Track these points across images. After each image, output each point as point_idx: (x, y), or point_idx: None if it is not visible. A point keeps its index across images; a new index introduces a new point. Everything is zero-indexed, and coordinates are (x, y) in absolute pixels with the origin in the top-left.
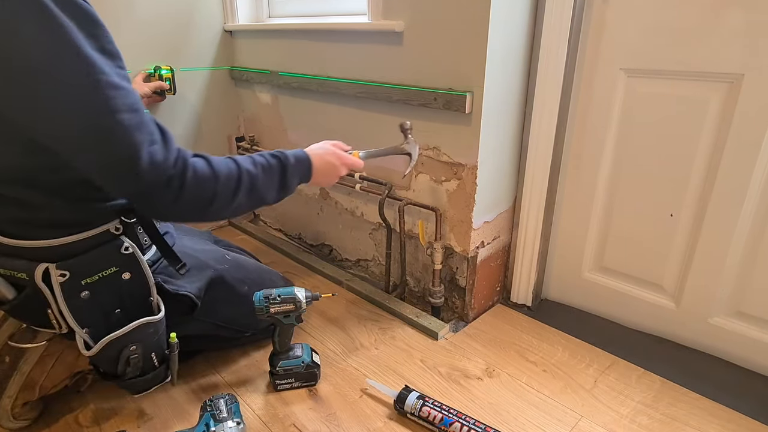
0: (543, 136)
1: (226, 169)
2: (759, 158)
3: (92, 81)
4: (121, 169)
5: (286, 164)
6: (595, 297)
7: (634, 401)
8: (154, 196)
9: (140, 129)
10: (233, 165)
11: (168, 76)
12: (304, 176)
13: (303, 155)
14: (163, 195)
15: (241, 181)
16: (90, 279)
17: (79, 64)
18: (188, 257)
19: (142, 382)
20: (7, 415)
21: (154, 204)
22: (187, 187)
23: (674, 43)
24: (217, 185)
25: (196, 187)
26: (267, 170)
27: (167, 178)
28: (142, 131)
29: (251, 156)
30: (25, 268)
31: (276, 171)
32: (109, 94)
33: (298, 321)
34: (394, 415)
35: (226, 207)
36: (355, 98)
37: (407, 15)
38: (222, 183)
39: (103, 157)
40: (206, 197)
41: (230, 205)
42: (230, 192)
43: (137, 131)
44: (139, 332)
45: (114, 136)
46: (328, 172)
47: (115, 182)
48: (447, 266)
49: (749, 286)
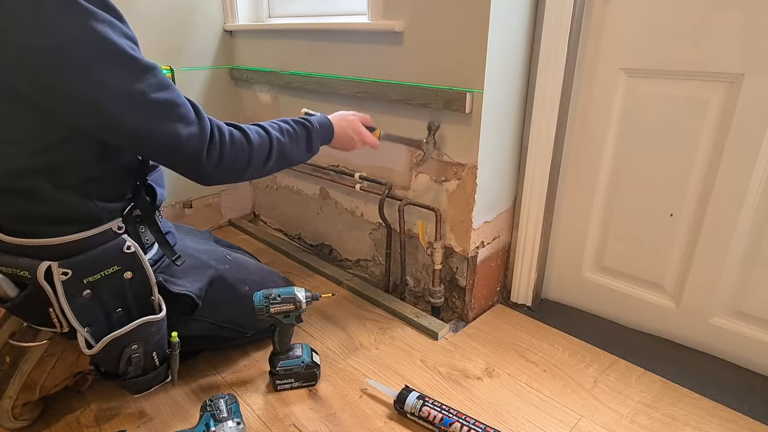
0: (543, 136)
1: (258, 137)
2: (759, 158)
3: (126, 68)
4: (165, 145)
5: (311, 130)
6: (595, 297)
7: (634, 401)
8: (198, 166)
9: (176, 104)
10: (264, 134)
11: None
12: (326, 140)
13: (327, 122)
14: (206, 164)
15: (272, 147)
16: (92, 278)
17: (111, 55)
18: (189, 257)
19: (143, 381)
20: (7, 415)
21: (199, 171)
22: (226, 155)
23: (674, 43)
24: (252, 152)
25: (233, 154)
26: (294, 137)
27: (207, 147)
28: (178, 106)
29: (279, 123)
30: (27, 266)
31: (303, 137)
32: (142, 77)
33: (298, 321)
34: (394, 415)
35: (260, 170)
36: (354, 98)
37: (407, 15)
38: (256, 150)
39: (147, 137)
40: (242, 163)
41: (264, 168)
42: (263, 157)
43: (174, 107)
44: (140, 331)
45: (154, 115)
46: (346, 142)
47: (161, 160)
48: (447, 266)
49: (749, 286)
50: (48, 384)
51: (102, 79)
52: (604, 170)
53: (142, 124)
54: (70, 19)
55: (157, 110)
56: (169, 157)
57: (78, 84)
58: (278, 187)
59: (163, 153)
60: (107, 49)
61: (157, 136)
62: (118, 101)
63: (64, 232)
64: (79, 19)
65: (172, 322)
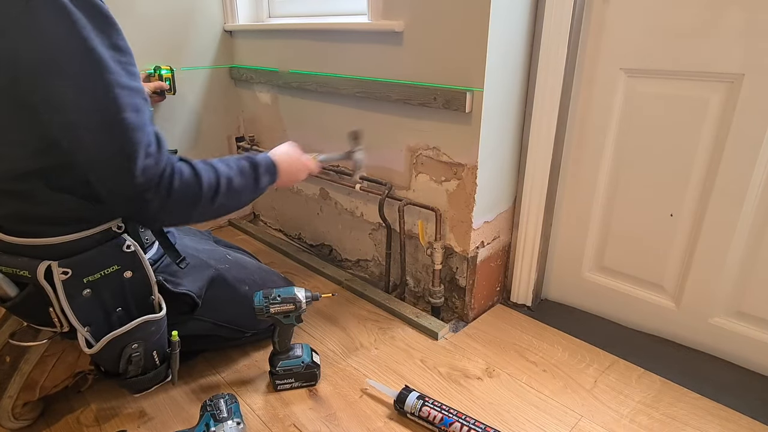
0: (543, 136)
1: (206, 173)
2: (759, 158)
3: (101, 79)
4: (118, 167)
5: (256, 165)
6: (595, 297)
7: (634, 401)
8: (144, 200)
9: (141, 130)
10: (212, 168)
11: (168, 76)
12: (272, 177)
13: (269, 158)
14: (152, 199)
15: (220, 183)
16: (92, 277)
17: (89, 62)
18: (189, 256)
19: (144, 380)
20: (7, 415)
21: (142, 208)
22: (174, 191)
23: (674, 43)
24: (201, 189)
25: (182, 191)
26: (241, 172)
27: (156, 183)
28: (143, 133)
29: (224, 160)
30: (27, 265)
31: (248, 173)
32: (116, 93)
33: (298, 321)
34: (394, 415)
35: (208, 209)
36: (354, 98)
37: (407, 15)
38: (204, 186)
39: (102, 153)
40: (191, 201)
41: (212, 206)
42: (211, 194)
43: (138, 132)
44: (140, 330)
45: (115, 133)
46: (292, 173)
47: (109, 182)
48: (447, 266)
49: (749, 286)
50: (48, 384)
51: (75, 85)
52: (604, 170)
53: (100, 144)
54: (56, 23)
55: (118, 130)
56: (118, 180)
57: (51, 87)
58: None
59: (108, 181)
60: (89, 58)
61: (110, 160)
62: (84, 112)
63: (63, 231)
64: (65, 24)
65: (171, 322)
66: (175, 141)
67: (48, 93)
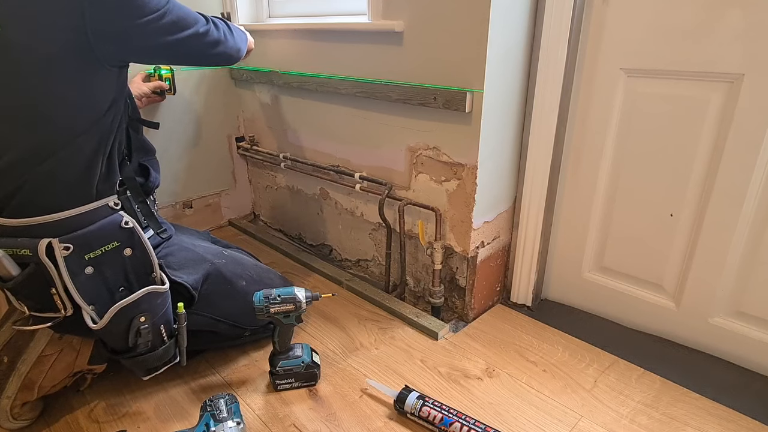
0: (543, 136)
1: (222, 23)
2: (759, 158)
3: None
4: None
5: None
6: (595, 297)
7: (634, 401)
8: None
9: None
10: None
11: (168, 76)
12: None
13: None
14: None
15: (228, 26)
16: (93, 254)
17: None
18: (185, 251)
19: (153, 358)
20: (6, 415)
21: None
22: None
23: (674, 43)
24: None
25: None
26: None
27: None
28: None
29: None
30: (27, 244)
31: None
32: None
33: (298, 321)
34: (394, 415)
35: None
36: (354, 98)
37: (407, 15)
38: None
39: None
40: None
41: (230, 41)
42: (229, 33)
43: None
44: (147, 301)
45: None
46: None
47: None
48: (447, 266)
49: (749, 286)
50: (46, 384)
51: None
52: (604, 170)
53: None
54: None
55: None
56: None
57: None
58: (278, 187)
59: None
60: None
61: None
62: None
63: (62, 207)
64: None
65: None
66: (175, 141)
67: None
